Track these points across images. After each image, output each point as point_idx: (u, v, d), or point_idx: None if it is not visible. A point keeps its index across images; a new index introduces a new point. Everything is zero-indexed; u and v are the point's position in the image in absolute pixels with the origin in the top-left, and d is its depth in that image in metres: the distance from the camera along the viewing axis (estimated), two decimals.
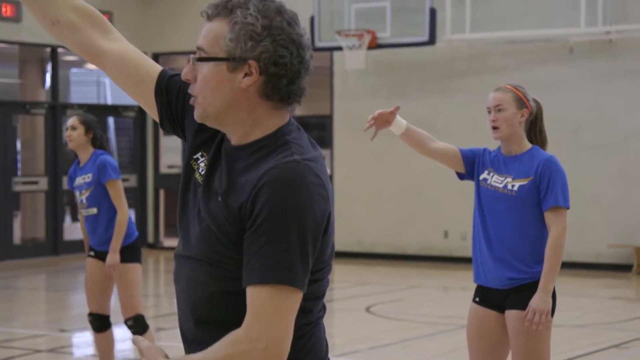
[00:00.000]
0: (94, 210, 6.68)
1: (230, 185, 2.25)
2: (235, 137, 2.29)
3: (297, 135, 2.29)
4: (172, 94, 2.44)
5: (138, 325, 6.65)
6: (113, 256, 6.54)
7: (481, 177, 4.84)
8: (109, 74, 2.51)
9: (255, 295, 2.15)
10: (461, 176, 4.97)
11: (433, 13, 13.49)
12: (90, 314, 6.81)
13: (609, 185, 13.55)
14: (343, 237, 14.59)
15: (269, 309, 2.14)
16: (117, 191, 6.57)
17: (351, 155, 15.04)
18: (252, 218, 2.17)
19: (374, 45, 13.80)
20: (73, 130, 6.69)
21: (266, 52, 2.21)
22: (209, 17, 2.28)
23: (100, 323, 6.78)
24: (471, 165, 4.89)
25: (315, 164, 2.22)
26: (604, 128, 13.58)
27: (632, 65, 13.44)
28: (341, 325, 9.80)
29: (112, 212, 6.65)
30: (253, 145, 2.26)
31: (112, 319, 6.90)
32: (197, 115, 2.29)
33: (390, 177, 14.86)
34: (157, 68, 2.48)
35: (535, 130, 4.87)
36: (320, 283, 2.30)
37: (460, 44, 14.12)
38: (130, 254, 6.64)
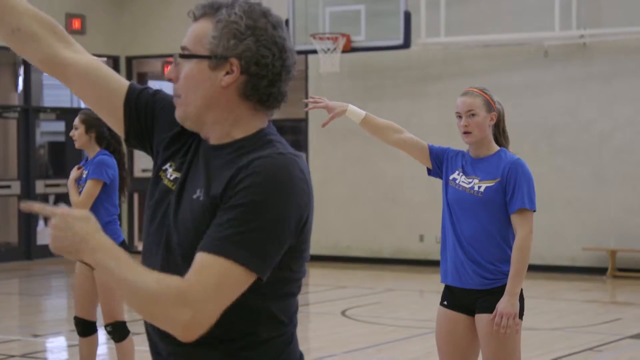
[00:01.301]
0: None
1: (209, 179, 2.24)
2: (214, 137, 2.28)
3: (279, 137, 2.29)
4: (141, 109, 2.42)
5: (116, 332, 6.59)
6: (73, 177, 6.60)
7: (451, 177, 4.85)
8: (71, 86, 2.45)
9: (209, 263, 2.11)
10: (429, 171, 4.99)
11: (408, 16, 13.51)
12: (75, 318, 6.76)
13: (584, 188, 13.60)
14: (318, 240, 14.57)
15: (216, 281, 2.11)
16: (90, 188, 6.48)
17: (326, 159, 15.03)
18: (231, 197, 2.16)
19: (349, 48, 13.80)
20: (75, 130, 6.65)
21: (248, 50, 2.22)
22: (195, 18, 2.30)
23: (82, 328, 6.72)
24: (438, 163, 4.90)
25: (300, 159, 2.23)
26: (578, 132, 13.63)
27: (606, 69, 13.50)
28: (317, 329, 9.77)
29: (103, 212, 6.55)
30: (233, 144, 2.26)
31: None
32: (178, 116, 2.29)
33: (365, 181, 14.86)
34: (125, 83, 2.45)
35: (499, 131, 4.89)
36: (299, 281, 2.29)
37: (435, 48, 14.14)
38: None
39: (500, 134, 4.89)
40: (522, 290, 4.74)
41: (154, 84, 19.53)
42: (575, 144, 13.63)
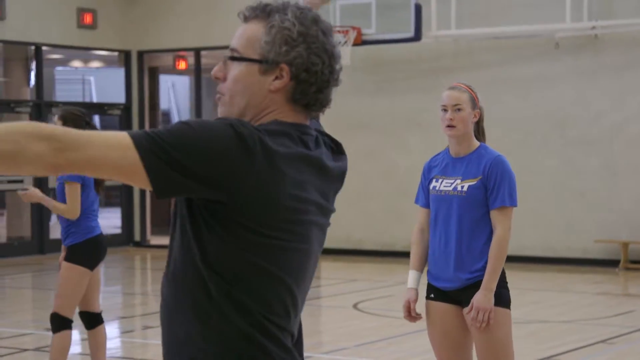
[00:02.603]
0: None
1: None
2: None
3: (298, 128, 2.24)
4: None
5: (53, 323, 6.64)
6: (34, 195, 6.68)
7: (430, 187, 4.92)
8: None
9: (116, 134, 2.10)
10: None
11: (418, 9, 13.49)
12: (79, 312, 6.80)
13: (595, 180, 13.57)
14: (331, 233, 14.53)
15: (99, 136, 2.06)
16: (69, 192, 6.53)
17: None
18: None
19: (360, 41, 13.79)
20: None
21: (299, 57, 2.23)
22: (246, 19, 2.29)
23: (87, 320, 6.77)
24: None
25: (263, 134, 2.15)
26: (589, 123, 13.60)
27: (618, 61, 13.47)
28: (328, 322, 9.79)
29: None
30: None
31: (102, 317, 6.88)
32: (221, 114, 2.28)
33: (377, 174, 14.86)
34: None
35: (478, 129, 4.95)
36: (281, 288, 2.22)
37: (445, 40, 14.12)
38: (70, 253, 6.63)
39: (479, 132, 4.93)
40: (506, 281, 4.79)
41: (165, 78, 19.56)
42: (587, 136, 13.60)
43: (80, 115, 6.69)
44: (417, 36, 13.55)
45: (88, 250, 6.63)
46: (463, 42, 14.15)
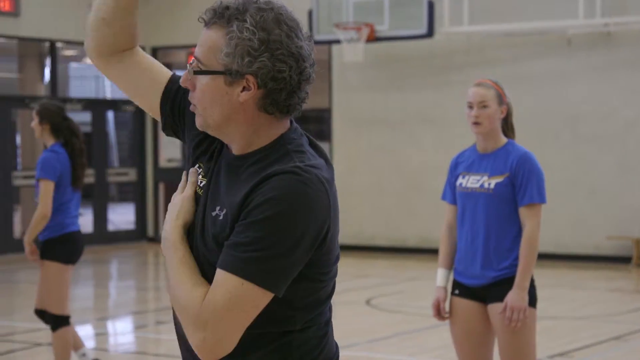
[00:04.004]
0: (37, 201, 6.66)
1: (229, 193, 2.21)
2: (237, 147, 2.26)
3: (299, 142, 2.25)
4: (176, 104, 2.40)
5: (49, 323, 6.64)
6: (25, 249, 6.56)
7: (457, 183, 4.88)
8: (115, 73, 2.44)
9: (223, 280, 2.12)
10: None
11: (431, 5, 13.50)
12: (35, 310, 6.81)
13: (608, 177, 13.57)
14: (343, 229, 14.59)
15: (228, 300, 2.10)
16: (42, 190, 6.52)
17: (350, 148, 15.06)
18: (247, 213, 2.13)
19: (372, 38, 13.81)
20: (32, 121, 6.64)
21: (264, 67, 2.15)
22: (206, 24, 2.21)
23: (45, 320, 6.75)
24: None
25: (319, 170, 2.19)
26: (602, 120, 13.59)
27: (631, 57, 13.45)
28: (341, 318, 9.81)
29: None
30: (254, 154, 2.23)
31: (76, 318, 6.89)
32: (199, 124, 2.25)
33: (389, 169, 14.88)
34: (166, 73, 2.43)
35: (507, 125, 4.91)
36: (327, 287, 2.28)
37: (458, 37, 14.13)
38: (44, 248, 6.62)
39: (508, 128, 4.90)
40: (534, 279, 4.76)
41: (179, 74, 19.63)
42: (599, 133, 13.59)
43: (57, 111, 6.65)
44: (430, 33, 13.56)
45: (62, 246, 6.59)
46: (475, 38, 14.15)
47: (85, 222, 14.22)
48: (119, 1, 2.36)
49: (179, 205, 2.26)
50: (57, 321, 6.60)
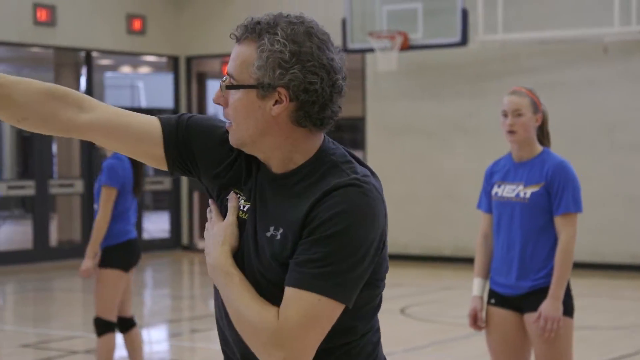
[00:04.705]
0: (96, 207, 6.74)
1: (283, 212, 2.21)
2: (276, 165, 2.24)
3: (341, 152, 2.26)
4: (180, 142, 2.33)
5: (97, 327, 6.70)
6: (85, 261, 6.60)
7: (492, 192, 4.85)
8: (99, 142, 2.37)
9: (297, 298, 2.13)
10: None
11: (465, 14, 13.47)
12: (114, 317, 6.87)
13: None
14: None
15: (305, 317, 2.12)
16: (104, 197, 6.59)
17: (384, 157, 15.04)
18: (313, 229, 2.14)
19: (406, 46, 13.80)
20: None
21: (295, 79, 2.15)
22: (237, 40, 2.22)
23: (120, 325, 6.83)
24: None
25: (372, 179, 2.21)
26: (638, 128, 13.48)
27: None
28: None
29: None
30: (300, 170, 2.22)
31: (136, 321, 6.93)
32: (233, 142, 2.24)
33: (423, 178, 14.84)
34: (153, 122, 2.33)
35: (542, 133, 4.87)
36: (381, 293, 2.31)
37: (492, 45, 14.08)
38: (104, 256, 6.68)
39: (544, 136, 4.87)
40: (570, 289, 4.73)
41: (212, 84, 19.69)
42: (636, 141, 13.48)
43: None
44: (464, 41, 13.52)
45: (122, 253, 6.69)
46: (510, 47, 14.10)
47: None
48: None
49: (222, 232, 2.25)
50: (105, 326, 6.67)
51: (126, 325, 6.85)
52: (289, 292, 2.14)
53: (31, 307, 11.80)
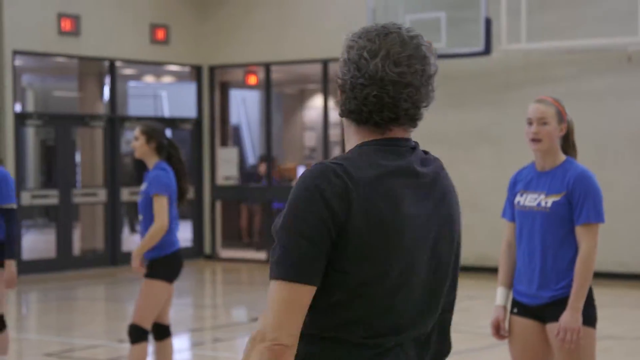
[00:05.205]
0: (141, 217, 6.81)
1: None
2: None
3: (367, 150, 2.37)
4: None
5: (132, 334, 6.72)
6: (133, 261, 6.69)
7: (515, 201, 4.84)
8: None
9: (269, 290, 2.21)
10: None
11: (488, 23, 13.44)
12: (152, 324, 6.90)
13: None
14: None
15: (276, 305, 2.17)
16: (158, 206, 6.65)
17: None
18: None
19: None
20: (136, 141, 6.88)
21: (340, 69, 2.57)
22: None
23: (156, 332, 6.87)
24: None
25: (339, 166, 2.26)
26: None
27: None
28: None
29: (152, 222, 6.73)
30: None
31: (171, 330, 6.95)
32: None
33: None
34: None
35: (568, 143, 4.85)
36: (338, 292, 2.25)
37: (516, 54, 14.04)
38: (151, 267, 6.73)
39: (569, 146, 4.84)
40: (593, 299, 4.69)
41: (235, 93, 19.73)
42: None
43: (161, 130, 6.93)
44: (487, 50, 13.49)
45: (169, 265, 6.74)
46: (534, 56, 14.06)
47: None
48: None
49: None
50: (140, 335, 6.71)
51: (162, 333, 6.87)
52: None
53: (54, 316, 11.85)
